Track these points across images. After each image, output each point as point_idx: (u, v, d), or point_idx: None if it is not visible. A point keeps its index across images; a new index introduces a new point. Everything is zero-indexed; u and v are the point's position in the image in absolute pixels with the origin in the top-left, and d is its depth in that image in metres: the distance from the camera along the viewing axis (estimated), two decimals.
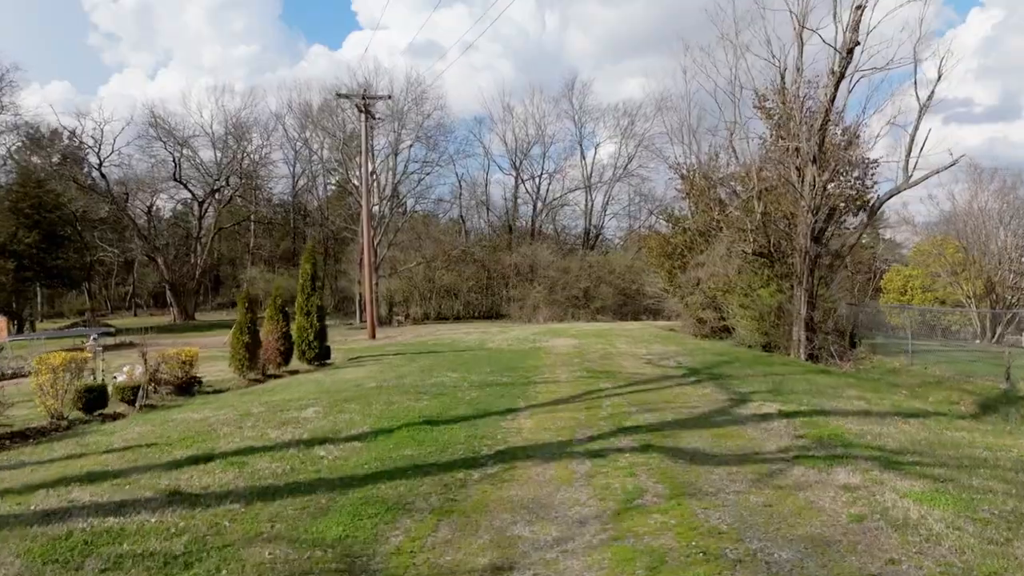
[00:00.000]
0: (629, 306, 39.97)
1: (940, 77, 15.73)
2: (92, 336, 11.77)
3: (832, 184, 15.14)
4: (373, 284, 31.49)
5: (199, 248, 47.61)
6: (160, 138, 43.83)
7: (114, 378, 11.64)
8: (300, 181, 54.45)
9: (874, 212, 18.12)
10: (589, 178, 52.17)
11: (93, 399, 9.80)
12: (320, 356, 16.28)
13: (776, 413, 7.85)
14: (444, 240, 45.54)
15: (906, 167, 16.00)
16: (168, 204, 53.70)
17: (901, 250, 41.52)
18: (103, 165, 41.63)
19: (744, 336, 18.35)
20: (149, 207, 50.39)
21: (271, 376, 14.40)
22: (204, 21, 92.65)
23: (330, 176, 52.07)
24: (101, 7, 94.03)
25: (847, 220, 16.44)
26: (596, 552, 3.96)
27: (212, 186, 46.84)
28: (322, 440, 6.97)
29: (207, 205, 47.96)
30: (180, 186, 46.85)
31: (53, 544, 4.14)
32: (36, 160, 39.87)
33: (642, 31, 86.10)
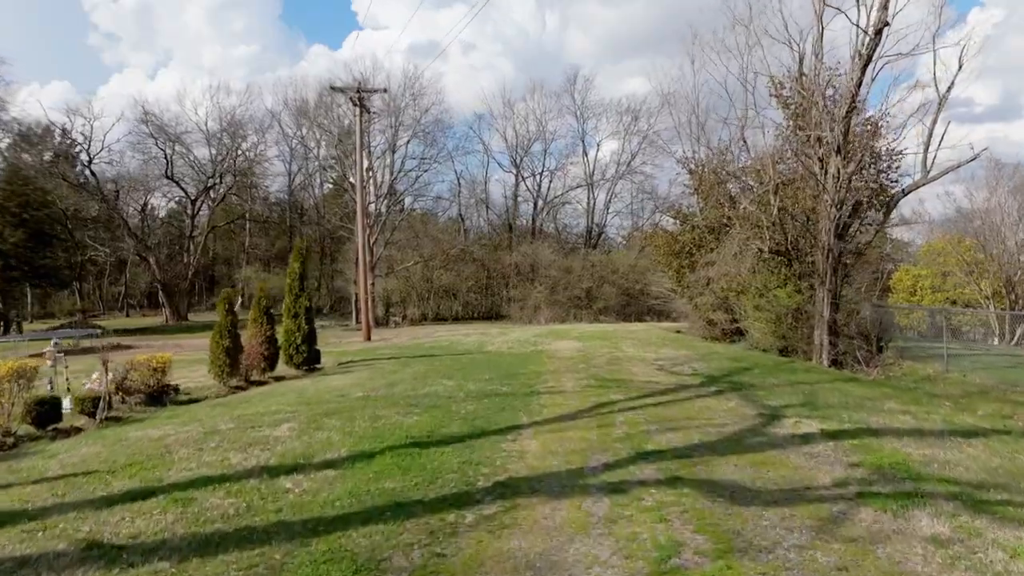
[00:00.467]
0: (632, 307, 38.87)
1: (960, 67, 14.76)
2: (53, 340, 10.73)
3: (855, 177, 14.08)
4: (369, 284, 30.45)
5: (192, 247, 46.49)
6: (152, 135, 42.73)
7: (83, 385, 10.70)
8: (297, 179, 53.35)
9: (892, 208, 17.17)
10: (591, 175, 50.94)
11: (45, 413, 8.79)
12: (309, 361, 15.31)
13: (818, 433, 6.81)
14: (443, 239, 44.36)
15: (924, 161, 15.03)
16: (163, 203, 52.81)
17: (909, 248, 40.44)
18: (92, 162, 40.64)
19: (758, 339, 17.30)
20: (143, 205, 49.42)
21: (254, 383, 13.44)
22: (204, 21, 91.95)
23: (327, 173, 51.03)
24: (101, 7, 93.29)
25: (869, 215, 15.40)
26: None
27: (206, 183, 45.71)
28: (291, 467, 5.95)
29: (200, 203, 46.84)
30: (173, 184, 45.77)
31: None
32: (27, 158, 38.79)
33: (642, 31, 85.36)
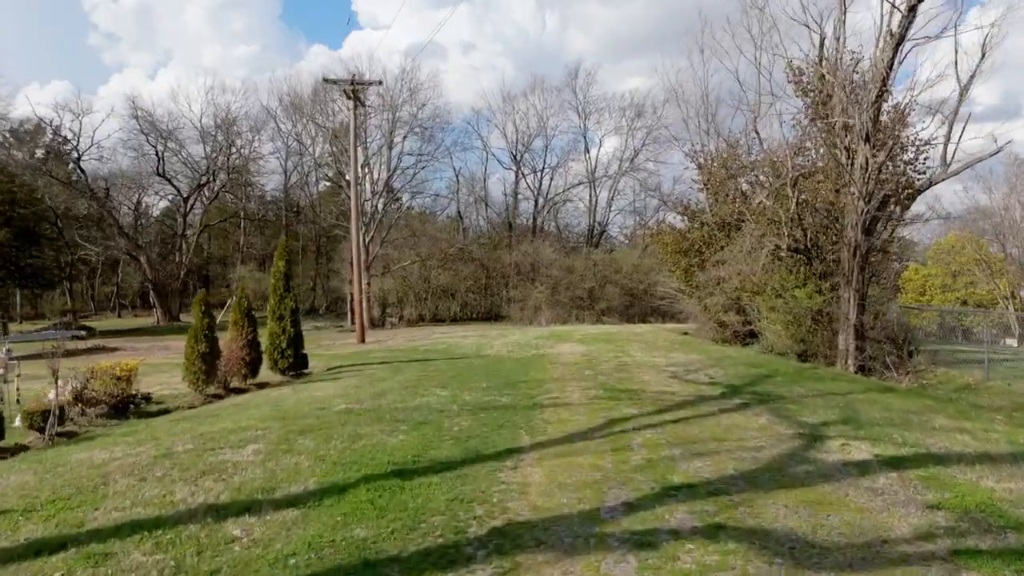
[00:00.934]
0: (636, 307, 37.82)
1: (984, 56, 13.69)
2: (5, 347, 9.70)
3: (884, 168, 13.03)
4: (364, 284, 29.42)
5: (185, 246, 45.42)
6: (143, 131, 41.68)
7: (46, 396, 9.71)
8: (292, 178, 52.21)
9: (912, 202, 16.19)
10: (593, 172, 49.84)
11: None
12: (295, 366, 14.32)
13: (873, 460, 5.77)
14: (441, 238, 43.28)
15: (944, 155, 14.04)
16: (156, 201, 51.69)
17: (916, 247, 39.38)
18: (81, 159, 39.55)
19: (773, 342, 16.23)
20: (136, 204, 48.31)
21: (234, 390, 12.44)
22: (204, 21, 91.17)
23: (323, 171, 49.95)
24: (101, 7, 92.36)
25: (896, 210, 14.36)
26: None
27: (199, 181, 44.64)
28: (245, 506, 4.91)
29: (193, 201, 45.75)
30: (165, 181, 44.70)
31: None
32: (18, 155, 37.74)
33: (642, 31, 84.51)
